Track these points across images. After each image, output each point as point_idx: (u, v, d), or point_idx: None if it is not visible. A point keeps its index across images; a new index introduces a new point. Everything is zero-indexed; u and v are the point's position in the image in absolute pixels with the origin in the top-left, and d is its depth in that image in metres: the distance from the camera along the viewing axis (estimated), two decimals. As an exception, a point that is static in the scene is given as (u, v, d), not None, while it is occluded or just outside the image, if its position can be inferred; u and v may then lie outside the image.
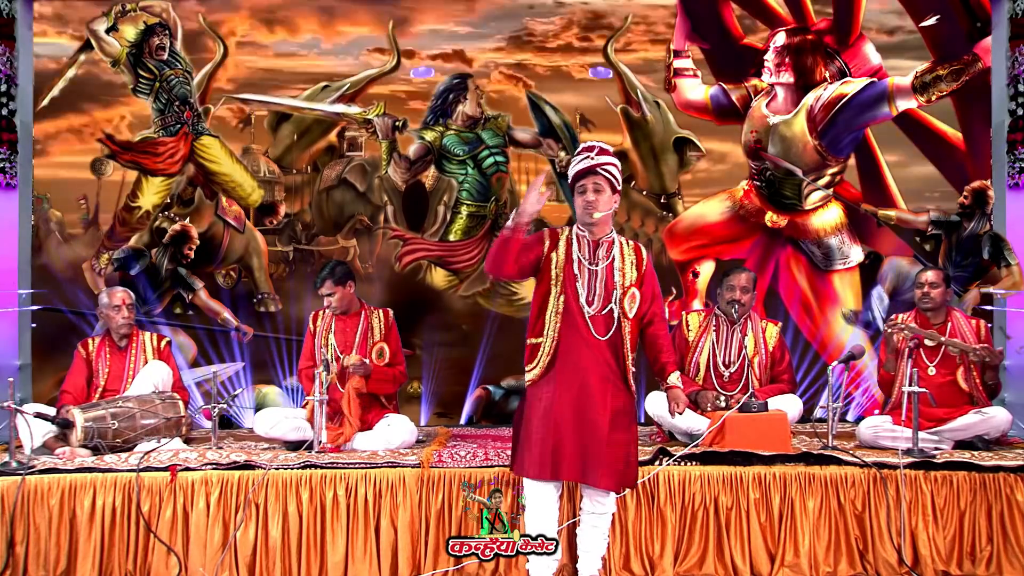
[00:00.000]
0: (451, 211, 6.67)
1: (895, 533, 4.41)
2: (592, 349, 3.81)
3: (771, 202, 6.59)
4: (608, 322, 3.84)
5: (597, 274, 3.85)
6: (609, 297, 3.84)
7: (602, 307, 3.84)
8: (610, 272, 3.86)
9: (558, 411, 3.78)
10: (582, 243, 3.89)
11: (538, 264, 3.87)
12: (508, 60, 6.64)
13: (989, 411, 4.91)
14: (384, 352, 5.11)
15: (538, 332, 3.87)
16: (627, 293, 3.86)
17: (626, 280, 3.87)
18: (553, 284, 3.84)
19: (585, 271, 3.85)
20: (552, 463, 3.76)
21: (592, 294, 3.83)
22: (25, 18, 6.40)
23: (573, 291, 3.82)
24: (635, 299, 3.89)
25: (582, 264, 3.85)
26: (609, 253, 3.89)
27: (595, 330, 3.82)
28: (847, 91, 6.50)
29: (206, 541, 4.38)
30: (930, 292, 5.11)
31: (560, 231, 3.93)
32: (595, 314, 3.83)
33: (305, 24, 6.65)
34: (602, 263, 3.87)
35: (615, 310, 3.84)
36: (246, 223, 6.67)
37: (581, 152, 3.87)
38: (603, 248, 3.89)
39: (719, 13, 6.64)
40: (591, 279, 3.84)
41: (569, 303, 3.82)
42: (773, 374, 5.26)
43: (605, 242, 3.90)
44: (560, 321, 3.83)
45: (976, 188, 6.42)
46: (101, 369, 5.22)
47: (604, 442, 3.77)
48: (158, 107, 6.59)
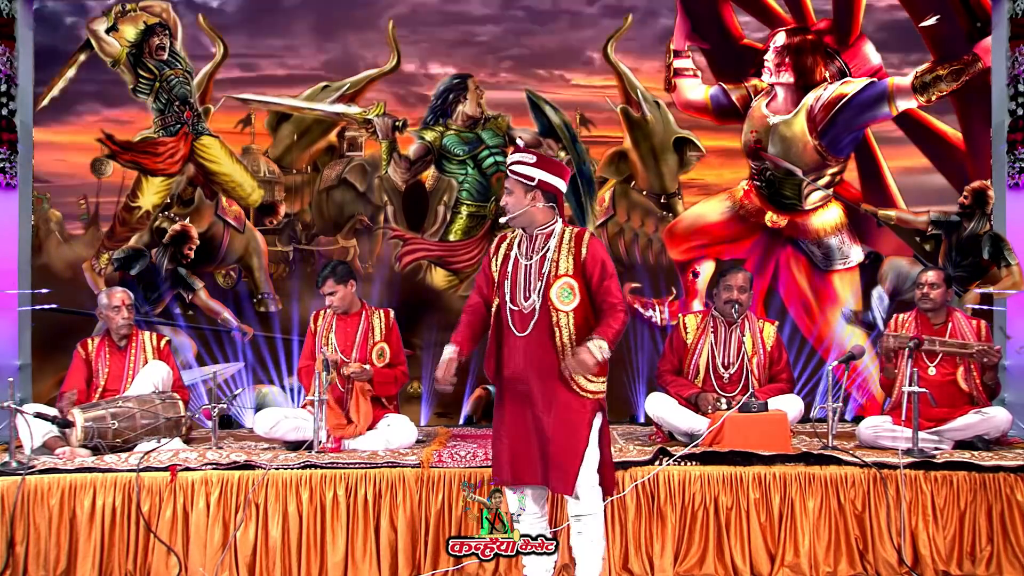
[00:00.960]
0: (451, 211, 6.67)
1: (895, 533, 4.41)
2: (525, 347, 3.67)
3: (771, 202, 6.59)
4: (529, 316, 3.67)
5: (531, 268, 3.72)
6: (536, 290, 3.68)
7: (537, 301, 3.68)
8: (541, 264, 3.71)
9: (509, 414, 3.74)
10: (522, 241, 3.80)
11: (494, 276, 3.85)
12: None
13: (989, 411, 4.91)
14: (385, 352, 5.11)
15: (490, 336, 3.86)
16: (556, 282, 3.65)
17: (559, 269, 3.67)
18: (495, 288, 3.81)
19: (521, 268, 3.73)
20: (512, 468, 3.71)
21: (528, 290, 3.69)
22: (25, 18, 6.40)
23: (503, 290, 3.75)
24: (572, 289, 3.65)
25: (518, 262, 3.75)
26: (544, 245, 3.74)
27: (516, 327, 3.69)
28: (847, 91, 6.50)
29: (206, 541, 4.38)
30: (930, 292, 5.10)
31: (509, 232, 3.91)
32: (519, 310, 3.70)
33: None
34: (536, 255, 3.73)
35: (536, 303, 3.65)
36: (246, 223, 6.67)
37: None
38: (539, 240, 3.76)
39: (719, 13, 6.64)
40: (525, 275, 3.72)
41: (501, 303, 3.76)
42: (771, 374, 5.26)
43: (541, 235, 3.76)
44: (496, 323, 3.77)
45: (976, 188, 6.42)
46: (101, 369, 5.22)
47: (551, 442, 3.65)
48: (158, 107, 6.59)
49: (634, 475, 4.46)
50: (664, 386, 5.29)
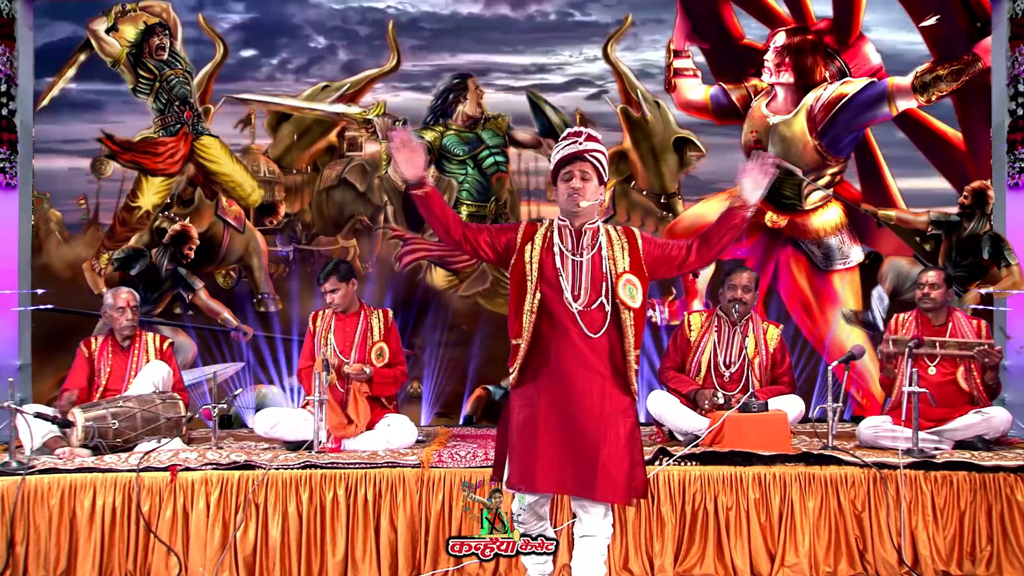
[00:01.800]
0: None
1: (895, 533, 4.41)
2: (580, 349, 3.40)
3: (771, 202, 6.59)
4: (602, 317, 3.41)
5: (582, 265, 3.45)
6: (598, 290, 3.44)
7: (591, 301, 3.42)
8: (597, 262, 3.46)
9: (543, 420, 3.39)
10: (564, 234, 3.50)
11: (508, 251, 3.51)
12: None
13: (989, 411, 4.91)
14: (384, 352, 5.11)
15: (516, 332, 3.46)
16: (621, 280, 3.44)
17: (618, 267, 3.45)
18: (528, 280, 3.44)
19: (568, 263, 3.45)
20: (534, 476, 3.38)
21: (578, 287, 3.43)
22: (25, 18, 6.40)
23: (555, 286, 3.42)
24: (636, 286, 3.45)
25: (564, 256, 3.46)
26: (595, 241, 3.49)
27: (587, 328, 3.39)
28: (847, 91, 6.50)
29: (206, 541, 4.37)
30: (931, 293, 5.10)
31: (539, 224, 3.57)
32: (584, 309, 3.41)
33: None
34: (587, 253, 3.47)
35: (607, 303, 3.42)
36: (246, 223, 6.67)
37: (567, 137, 3.55)
38: (587, 237, 3.49)
39: (719, 13, 6.64)
40: (575, 271, 3.44)
41: (548, 300, 3.42)
42: (773, 376, 5.26)
43: (589, 230, 3.51)
44: (536, 320, 3.42)
45: (976, 188, 6.42)
46: (103, 369, 5.22)
47: (597, 450, 3.35)
48: (158, 107, 6.59)
49: (634, 475, 4.46)
50: (665, 382, 5.30)
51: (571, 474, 3.39)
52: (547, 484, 3.41)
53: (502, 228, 3.57)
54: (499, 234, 3.53)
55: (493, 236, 3.53)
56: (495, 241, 3.52)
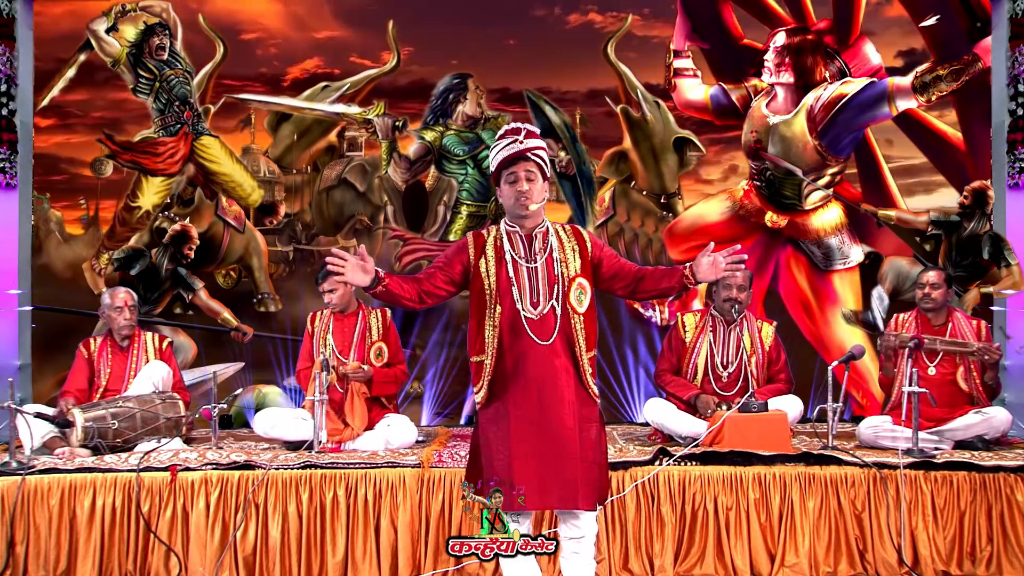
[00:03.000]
0: (451, 211, 6.67)
1: (895, 533, 4.41)
2: (542, 357, 3.34)
3: (771, 202, 6.59)
4: (552, 322, 3.37)
5: (536, 271, 3.39)
6: (551, 293, 3.38)
7: (546, 306, 3.37)
8: (550, 265, 3.40)
9: (516, 437, 3.32)
10: (514, 240, 3.43)
11: (467, 274, 3.44)
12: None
13: (989, 411, 4.91)
14: (383, 352, 5.11)
15: (479, 349, 3.42)
16: (573, 284, 3.39)
17: (570, 270, 3.40)
18: (487, 293, 3.39)
19: (523, 270, 3.39)
20: (527, 495, 3.29)
21: (535, 294, 3.37)
22: (25, 18, 6.40)
23: (510, 296, 3.36)
24: (585, 290, 3.41)
25: (517, 263, 3.39)
26: (546, 244, 3.42)
27: (537, 335, 3.34)
28: (847, 91, 6.50)
29: (206, 541, 4.37)
30: (931, 292, 5.10)
31: (486, 232, 3.48)
32: (537, 316, 3.36)
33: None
34: (540, 257, 3.40)
35: (557, 307, 3.37)
36: (246, 223, 6.67)
37: (505, 135, 3.40)
38: (538, 240, 3.42)
39: (719, 13, 6.64)
40: (531, 278, 3.39)
41: (508, 311, 3.36)
42: (770, 374, 5.26)
43: (539, 233, 3.43)
44: (500, 332, 3.37)
45: (976, 188, 6.42)
46: (103, 369, 5.22)
47: (577, 458, 3.32)
48: (158, 107, 6.59)
49: (634, 475, 4.46)
50: (663, 386, 5.29)
51: (553, 488, 3.33)
52: (530, 502, 3.33)
53: (450, 257, 3.47)
54: (452, 265, 3.45)
55: (447, 271, 3.44)
56: (451, 275, 3.45)
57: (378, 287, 3.32)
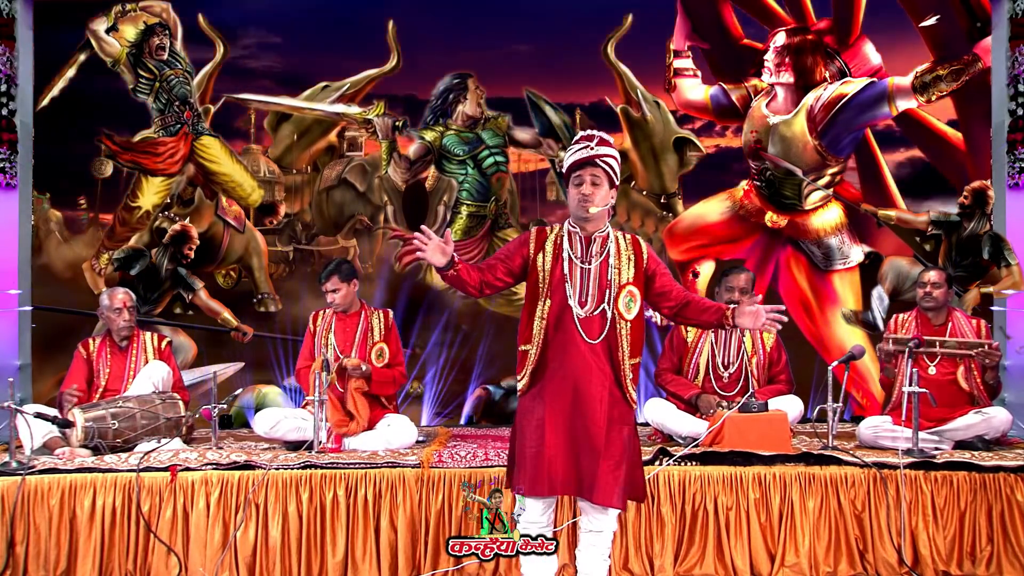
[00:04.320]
0: (451, 211, 6.67)
1: (895, 533, 4.41)
2: (584, 354, 3.51)
3: (771, 202, 6.59)
4: (601, 324, 3.53)
5: (590, 273, 3.56)
6: (602, 297, 3.54)
7: (594, 307, 3.54)
8: (604, 270, 3.56)
9: (551, 423, 3.49)
10: (573, 240, 3.59)
11: (525, 267, 3.61)
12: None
13: (989, 411, 4.91)
14: (384, 353, 5.11)
15: (526, 338, 3.58)
16: (623, 291, 3.56)
17: (622, 277, 3.56)
18: (540, 287, 3.56)
19: (576, 270, 3.55)
20: (547, 479, 3.47)
21: (584, 294, 3.53)
22: (25, 18, 6.40)
23: (562, 293, 3.53)
24: (635, 298, 3.57)
25: (573, 263, 3.56)
26: (603, 249, 3.59)
27: (586, 333, 3.51)
28: (847, 91, 6.51)
29: (206, 541, 4.37)
30: (932, 292, 5.11)
31: (549, 229, 3.66)
32: (587, 316, 3.52)
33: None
34: (595, 260, 3.57)
35: (608, 311, 3.53)
36: (246, 223, 6.67)
37: (579, 140, 3.57)
38: (596, 244, 3.59)
39: (719, 13, 6.64)
40: (583, 278, 3.55)
41: (557, 306, 3.53)
42: (770, 375, 5.26)
43: (599, 238, 3.60)
44: (547, 326, 3.54)
45: (976, 188, 6.42)
46: (102, 369, 5.22)
47: (600, 454, 3.47)
48: (158, 107, 6.59)
49: (634, 475, 4.46)
50: (663, 385, 5.29)
51: (575, 477, 3.50)
52: (553, 487, 3.50)
53: (512, 251, 3.64)
54: (513, 258, 3.63)
55: (508, 264, 3.62)
56: (511, 267, 3.63)
57: (451, 270, 3.51)
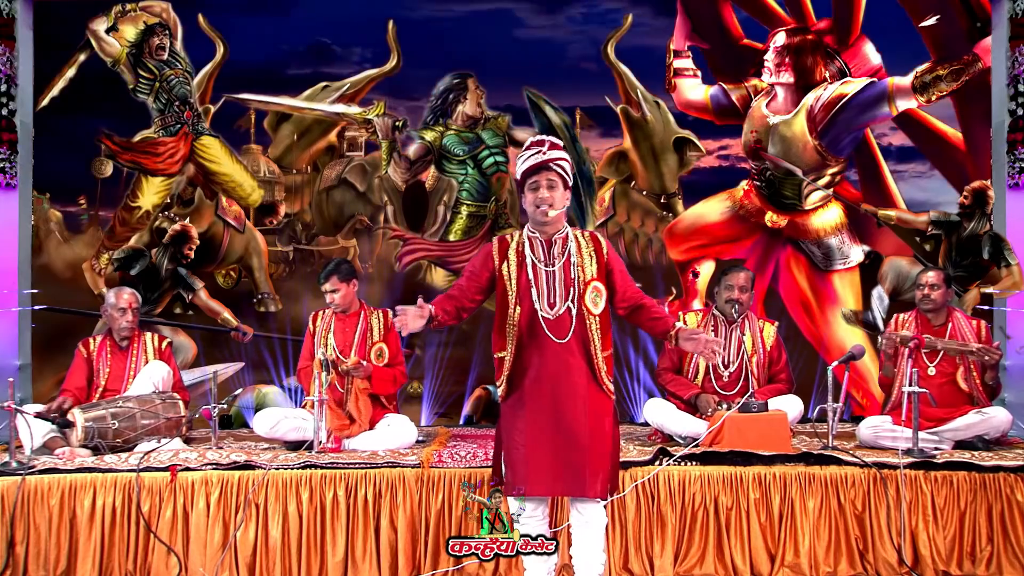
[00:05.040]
0: (451, 211, 6.67)
1: (895, 533, 4.41)
2: (558, 354, 3.60)
3: (771, 202, 6.59)
4: (568, 322, 3.62)
5: (554, 274, 3.65)
6: (568, 295, 3.63)
7: (562, 307, 3.63)
8: (567, 269, 3.65)
9: (533, 426, 3.58)
10: (535, 245, 3.68)
11: (493, 280, 3.70)
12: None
13: (989, 411, 4.91)
14: (383, 353, 5.11)
15: (501, 346, 3.68)
16: (588, 287, 3.64)
17: (586, 274, 3.65)
18: (509, 295, 3.65)
19: (541, 273, 3.64)
20: (536, 481, 3.58)
21: (552, 296, 3.63)
22: (25, 18, 6.40)
23: (529, 298, 3.62)
24: (600, 292, 3.66)
25: (536, 267, 3.65)
26: (565, 249, 3.67)
27: (554, 334, 3.60)
28: (847, 91, 6.50)
29: (206, 541, 4.37)
30: (931, 293, 5.10)
31: (509, 237, 3.74)
32: (554, 317, 3.62)
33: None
34: (558, 261, 3.65)
35: (572, 308, 3.62)
36: (246, 223, 6.67)
37: (530, 147, 3.64)
38: (557, 245, 3.68)
39: (719, 13, 6.64)
40: (548, 280, 3.64)
41: (527, 312, 3.62)
42: (771, 374, 5.26)
43: (559, 239, 3.68)
44: (519, 332, 3.62)
45: (976, 188, 6.42)
46: (102, 369, 5.22)
47: (586, 449, 3.57)
48: (158, 107, 6.60)
49: (634, 475, 4.46)
50: (663, 385, 5.29)
51: (562, 476, 3.59)
52: (539, 488, 3.61)
53: (477, 268, 3.72)
54: (479, 275, 3.71)
55: (477, 282, 3.71)
56: (480, 285, 3.71)
57: (433, 323, 3.60)
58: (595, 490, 3.60)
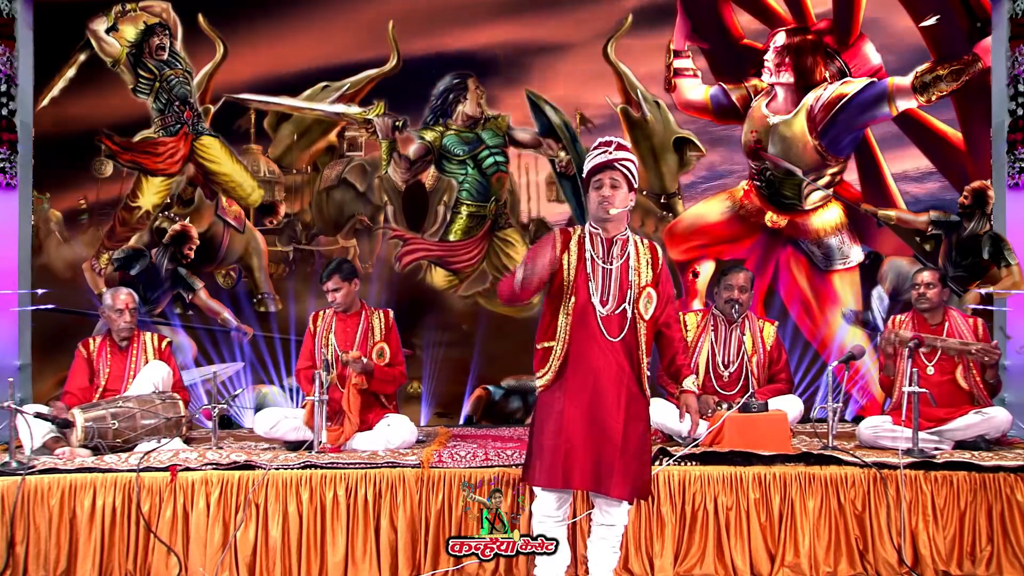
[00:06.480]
0: (451, 211, 6.67)
1: (895, 533, 4.41)
2: (605, 351, 3.65)
3: (771, 202, 6.59)
4: (622, 322, 3.67)
5: (611, 273, 3.70)
6: (623, 297, 3.69)
7: (616, 307, 3.68)
8: (625, 271, 3.71)
9: (570, 417, 3.62)
10: (595, 241, 3.73)
11: (553, 268, 3.70)
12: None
13: (989, 411, 4.91)
14: (384, 352, 5.11)
15: (550, 335, 3.71)
16: (643, 293, 3.71)
17: (641, 279, 3.72)
18: (565, 286, 3.69)
19: (599, 270, 3.69)
20: (563, 472, 3.60)
21: (606, 294, 3.68)
22: (25, 18, 6.40)
23: (585, 292, 3.67)
24: (651, 299, 3.73)
25: (595, 263, 3.70)
26: (624, 251, 3.74)
27: (608, 331, 3.65)
28: (847, 91, 6.51)
29: (206, 541, 4.37)
30: (927, 292, 5.10)
31: (572, 230, 3.79)
32: (608, 314, 3.67)
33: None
34: (616, 262, 3.71)
35: (628, 310, 3.68)
36: (246, 223, 6.67)
37: (599, 146, 3.71)
38: (617, 246, 3.74)
39: (719, 13, 6.64)
40: (604, 278, 3.69)
41: (581, 304, 3.67)
42: (771, 374, 5.26)
43: (619, 240, 3.75)
44: (571, 323, 3.66)
45: (976, 188, 6.42)
46: (102, 369, 5.22)
47: (618, 449, 3.60)
48: (158, 107, 6.60)
49: (634, 475, 4.46)
50: (664, 385, 5.29)
51: (591, 472, 3.61)
52: (568, 481, 3.62)
53: (547, 247, 3.65)
54: (549, 253, 3.66)
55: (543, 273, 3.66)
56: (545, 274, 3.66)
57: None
58: (620, 490, 3.62)
